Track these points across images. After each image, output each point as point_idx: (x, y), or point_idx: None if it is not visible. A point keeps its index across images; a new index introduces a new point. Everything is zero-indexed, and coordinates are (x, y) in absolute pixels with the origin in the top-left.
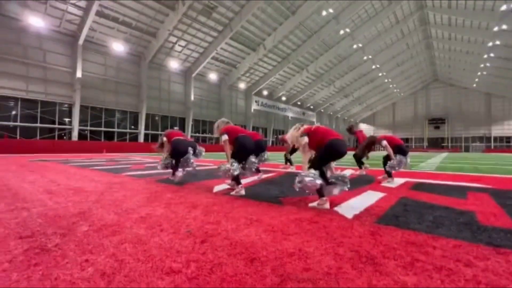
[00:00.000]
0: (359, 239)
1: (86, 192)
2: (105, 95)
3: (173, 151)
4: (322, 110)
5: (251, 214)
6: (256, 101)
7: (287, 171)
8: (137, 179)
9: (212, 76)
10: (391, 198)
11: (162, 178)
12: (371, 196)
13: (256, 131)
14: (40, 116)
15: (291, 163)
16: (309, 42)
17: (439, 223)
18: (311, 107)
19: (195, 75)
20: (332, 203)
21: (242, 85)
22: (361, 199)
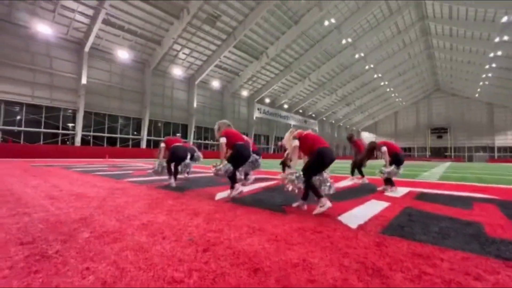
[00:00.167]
0: (364, 250)
1: (88, 198)
2: (109, 101)
3: (171, 157)
4: (324, 118)
5: (253, 223)
6: (259, 109)
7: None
8: (138, 185)
9: (215, 84)
10: (395, 208)
11: (164, 185)
12: (375, 205)
13: (258, 138)
14: (44, 121)
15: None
16: (311, 51)
17: (445, 234)
18: (313, 115)
19: (198, 82)
20: (335, 213)
21: (245, 93)
22: (365, 208)
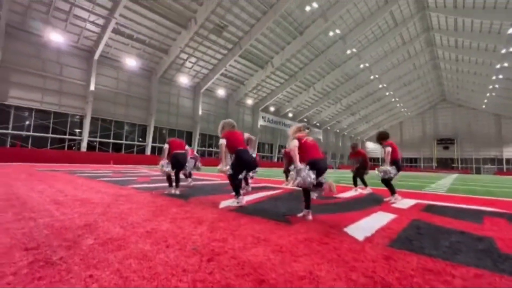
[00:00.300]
0: (372, 263)
1: (92, 204)
2: (116, 108)
3: (172, 162)
4: (328, 128)
5: (258, 233)
6: (263, 117)
7: (293, 188)
8: (142, 192)
9: (220, 92)
10: (402, 220)
11: (168, 192)
12: (382, 217)
13: (262, 146)
14: (52, 127)
15: None
16: (316, 61)
17: (456, 249)
18: (318, 124)
19: (204, 91)
20: (341, 224)
21: (250, 101)
22: (371, 220)
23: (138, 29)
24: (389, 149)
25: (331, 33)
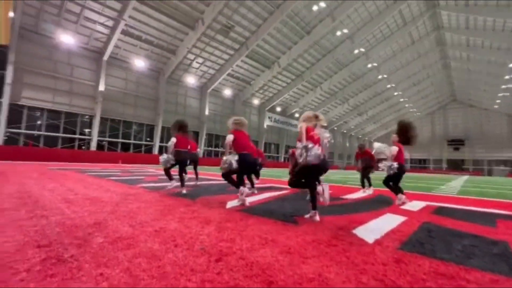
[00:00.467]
0: (383, 266)
1: (102, 202)
2: (124, 108)
3: (175, 157)
4: (335, 128)
5: (265, 233)
6: (269, 117)
7: (298, 190)
8: (150, 191)
9: (227, 92)
10: (413, 223)
11: (175, 192)
12: (391, 219)
13: (268, 147)
14: (63, 127)
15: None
16: (323, 60)
17: (470, 253)
18: (325, 124)
19: (210, 91)
20: (350, 226)
21: (256, 101)
22: (381, 222)
23: (146, 30)
24: (396, 149)
25: (338, 33)
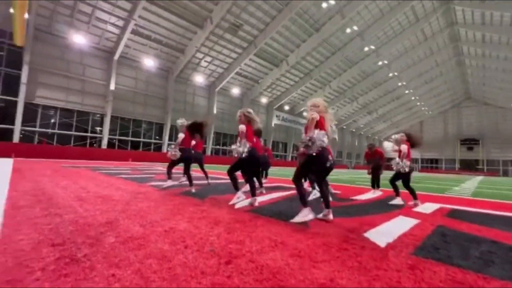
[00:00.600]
0: (396, 273)
1: (113, 201)
2: (134, 107)
3: (180, 159)
4: (344, 127)
5: (275, 235)
6: (277, 116)
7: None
8: (160, 190)
9: (235, 91)
10: (426, 226)
11: (184, 190)
12: (404, 222)
13: (276, 145)
14: (75, 125)
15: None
16: (332, 58)
17: (488, 260)
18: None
19: (219, 90)
20: (361, 228)
21: (264, 100)
22: (393, 225)
23: (156, 30)
24: (404, 147)
25: (348, 30)
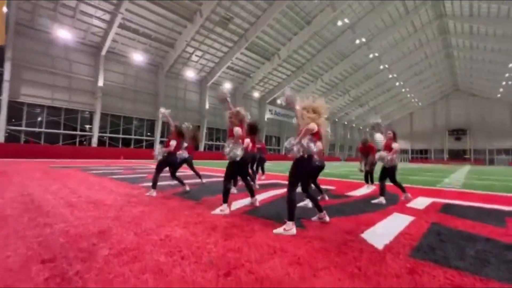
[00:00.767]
0: (396, 279)
1: (105, 206)
2: (124, 103)
3: (164, 162)
4: (336, 120)
5: (273, 240)
6: (270, 110)
7: None
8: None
9: (227, 85)
10: (421, 224)
11: (178, 191)
12: (399, 220)
13: (269, 139)
14: (63, 123)
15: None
16: (324, 51)
17: (484, 260)
18: (326, 116)
19: (210, 84)
20: (358, 229)
21: (256, 94)
22: (389, 223)
23: (144, 24)
24: (396, 145)
25: (339, 23)
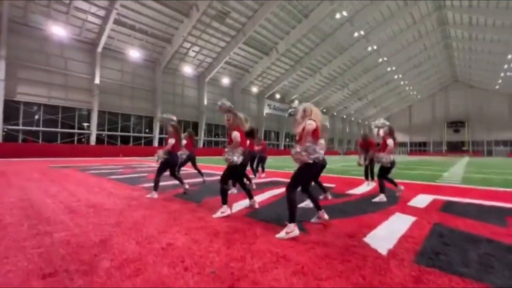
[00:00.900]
0: None
1: (105, 211)
2: (122, 100)
3: (167, 163)
4: (335, 113)
5: (276, 247)
6: (269, 105)
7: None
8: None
9: (225, 81)
10: (423, 225)
11: (178, 193)
12: (401, 221)
13: (268, 134)
14: (61, 121)
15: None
16: (322, 45)
17: (487, 265)
18: (324, 110)
19: (208, 80)
20: (360, 232)
21: (255, 89)
22: (391, 225)
23: (140, 19)
24: (391, 141)
25: (337, 15)
